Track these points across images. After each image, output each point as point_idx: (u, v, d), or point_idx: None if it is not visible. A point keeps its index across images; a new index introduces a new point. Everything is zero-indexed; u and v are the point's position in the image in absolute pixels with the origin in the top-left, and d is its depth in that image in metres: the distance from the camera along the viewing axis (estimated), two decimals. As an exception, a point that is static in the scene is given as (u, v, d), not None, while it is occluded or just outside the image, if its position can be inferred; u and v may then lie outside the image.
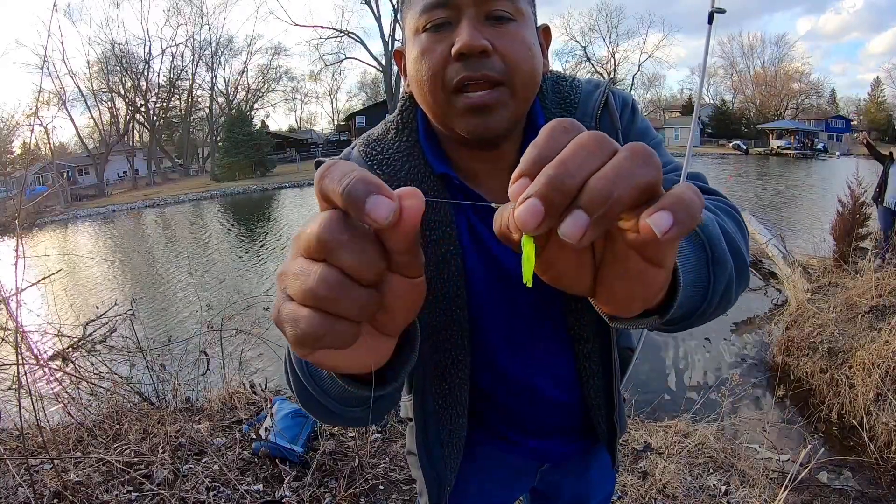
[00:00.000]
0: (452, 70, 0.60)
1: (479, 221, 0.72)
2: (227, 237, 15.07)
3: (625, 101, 0.73)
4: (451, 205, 0.70)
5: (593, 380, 0.80)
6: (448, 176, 0.69)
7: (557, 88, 0.72)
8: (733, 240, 0.53)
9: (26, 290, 2.54)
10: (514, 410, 0.84)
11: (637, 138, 0.71)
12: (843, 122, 44.35)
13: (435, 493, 0.86)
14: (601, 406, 0.83)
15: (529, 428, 0.87)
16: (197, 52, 43.36)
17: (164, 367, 3.38)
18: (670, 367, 4.55)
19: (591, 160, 0.27)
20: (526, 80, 0.62)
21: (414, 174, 0.69)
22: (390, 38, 40.66)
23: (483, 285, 0.72)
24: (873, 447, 2.86)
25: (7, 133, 38.65)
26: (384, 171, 0.70)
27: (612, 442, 0.88)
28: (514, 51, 0.60)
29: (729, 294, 0.52)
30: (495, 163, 0.69)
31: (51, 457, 2.13)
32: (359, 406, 0.47)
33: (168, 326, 6.39)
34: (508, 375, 0.80)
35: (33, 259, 3.30)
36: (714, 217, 0.53)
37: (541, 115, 0.70)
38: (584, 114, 0.70)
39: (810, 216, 11.06)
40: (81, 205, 30.22)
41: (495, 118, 0.61)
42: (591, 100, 0.70)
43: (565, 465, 0.94)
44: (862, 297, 4.16)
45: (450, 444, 0.82)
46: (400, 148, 0.71)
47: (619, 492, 2.37)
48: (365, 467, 2.45)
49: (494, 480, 0.94)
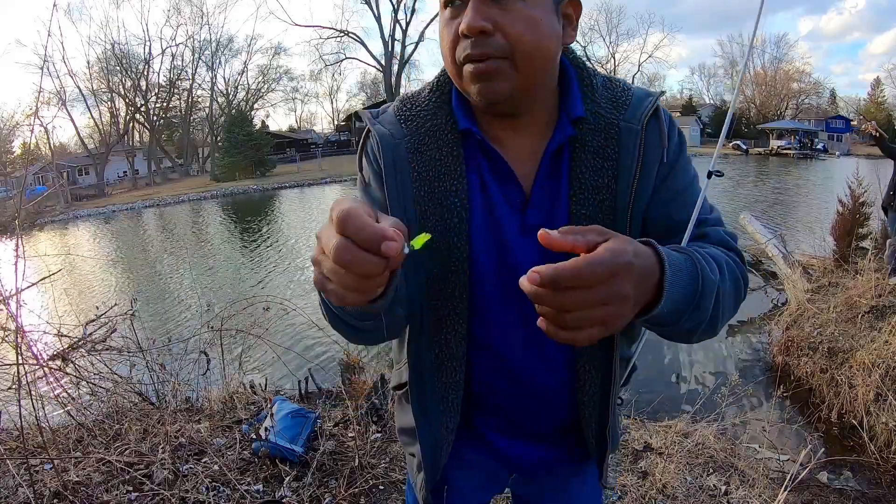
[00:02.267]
0: (461, 47, 0.66)
1: (492, 182, 0.73)
2: (227, 237, 15.07)
3: (673, 123, 0.75)
4: (465, 160, 0.73)
5: (589, 385, 0.79)
6: (470, 132, 0.73)
7: (609, 86, 0.75)
8: (719, 305, 0.63)
9: (26, 290, 2.54)
10: (501, 396, 0.82)
11: (682, 171, 0.75)
12: (843, 122, 44.31)
13: (430, 455, 0.84)
14: (594, 416, 0.82)
15: (514, 421, 0.84)
16: (197, 52, 43.37)
17: (164, 367, 3.38)
18: (670, 367, 4.55)
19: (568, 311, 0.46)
20: (529, 55, 0.65)
21: (436, 129, 0.74)
22: (390, 38, 40.69)
23: (486, 245, 0.74)
24: (873, 447, 2.86)
25: (7, 133, 38.66)
26: (408, 126, 0.75)
27: (602, 455, 0.87)
28: (516, 29, 0.63)
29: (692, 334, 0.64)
30: (522, 130, 0.73)
31: (51, 457, 2.13)
32: (371, 320, 0.62)
33: (168, 326, 6.39)
34: (502, 350, 0.78)
35: (33, 259, 3.30)
36: (719, 281, 0.62)
37: (579, 104, 0.73)
38: (632, 116, 0.72)
39: (810, 216, 11.06)
40: (81, 205, 30.19)
41: (498, 85, 0.66)
42: (642, 105, 0.73)
43: (542, 477, 0.92)
44: (862, 297, 4.16)
45: (446, 401, 0.81)
46: (429, 105, 0.76)
47: (619, 492, 2.37)
48: (365, 467, 2.45)
49: (470, 481, 0.94)
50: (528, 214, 0.73)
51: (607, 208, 0.71)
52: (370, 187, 0.77)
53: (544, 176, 0.73)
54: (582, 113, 0.72)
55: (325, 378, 4.01)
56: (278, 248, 12.06)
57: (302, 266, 9.84)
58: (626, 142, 0.71)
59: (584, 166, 0.71)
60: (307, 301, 5.69)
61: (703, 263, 0.60)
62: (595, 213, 0.71)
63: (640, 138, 0.71)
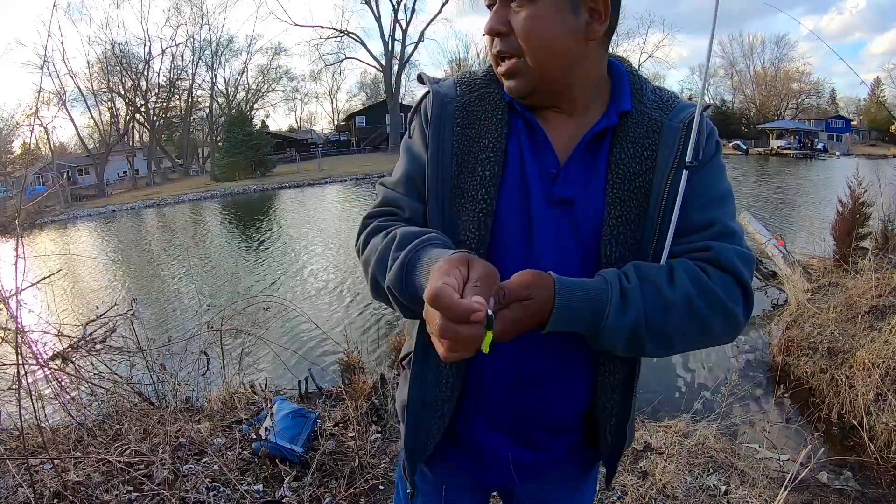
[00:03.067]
0: (491, 45, 0.76)
1: (529, 150, 0.77)
2: (227, 237, 15.07)
3: (713, 130, 0.79)
4: (506, 126, 0.78)
5: (611, 376, 0.78)
6: (513, 103, 0.78)
7: (658, 92, 0.81)
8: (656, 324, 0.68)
9: (26, 290, 2.54)
10: (507, 380, 0.79)
11: (713, 175, 0.77)
12: (843, 122, 44.31)
13: (412, 425, 0.83)
14: (612, 415, 0.80)
15: (520, 418, 0.81)
16: (197, 52, 43.34)
17: (164, 367, 3.38)
18: (670, 367, 4.54)
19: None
20: (536, 52, 0.71)
21: (486, 97, 0.80)
22: (390, 38, 40.69)
23: (511, 209, 0.76)
24: (873, 447, 2.85)
25: (7, 133, 38.66)
26: (463, 89, 0.82)
27: (618, 452, 0.86)
28: (524, 29, 0.70)
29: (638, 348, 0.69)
30: (563, 113, 0.78)
31: (51, 457, 2.13)
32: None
33: (168, 326, 6.39)
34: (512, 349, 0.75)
35: (33, 259, 3.30)
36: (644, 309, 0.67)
37: (627, 100, 0.78)
38: (675, 116, 0.77)
39: (810, 216, 11.06)
40: (81, 205, 30.18)
41: (517, 82, 0.74)
42: (686, 110, 0.77)
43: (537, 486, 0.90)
44: (862, 297, 4.16)
45: (443, 373, 0.80)
46: (485, 77, 0.83)
47: (619, 492, 2.37)
48: (365, 467, 2.45)
49: (453, 480, 0.92)
50: (557, 185, 0.75)
51: (641, 196, 0.73)
52: (412, 140, 0.84)
53: (581, 154, 0.76)
54: (629, 108, 0.77)
55: (325, 378, 4.01)
56: (278, 248, 12.07)
57: (302, 266, 9.85)
58: (666, 138, 0.74)
59: (625, 153, 0.74)
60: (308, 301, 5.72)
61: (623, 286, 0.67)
62: (629, 199, 0.73)
63: (681, 137, 0.74)
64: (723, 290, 0.69)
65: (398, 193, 0.82)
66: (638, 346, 0.68)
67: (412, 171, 0.81)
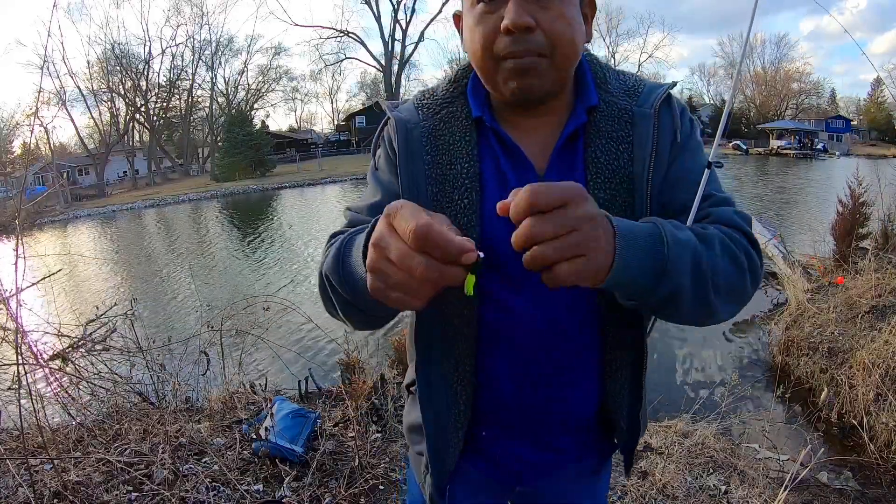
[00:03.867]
0: (501, 43, 0.67)
1: (506, 165, 0.74)
2: (227, 237, 15.07)
3: (685, 108, 0.77)
4: (479, 146, 0.75)
5: (618, 369, 0.77)
6: (482, 119, 0.75)
7: (622, 78, 0.78)
8: (702, 270, 0.60)
9: (26, 290, 2.54)
10: (516, 394, 0.77)
11: (692, 151, 0.76)
12: (843, 122, 44.30)
13: (434, 451, 0.81)
14: (625, 402, 0.79)
15: (530, 422, 0.79)
16: (197, 52, 43.39)
17: (164, 367, 3.38)
18: (670, 367, 4.54)
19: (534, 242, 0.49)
20: (567, 53, 0.68)
21: (451, 116, 0.77)
22: (390, 38, 40.72)
23: (500, 232, 0.71)
24: (873, 447, 2.85)
25: (7, 133, 38.66)
26: (425, 112, 0.78)
27: (632, 442, 0.84)
28: (556, 27, 0.66)
29: (674, 307, 0.62)
30: (534, 119, 0.75)
31: (51, 457, 2.13)
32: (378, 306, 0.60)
33: (168, 326, 6.39)
34: (518, 340, 0.75)
35: (33, 259, 3.30)
36: (696, 244, 0.60)
37: (593, 94, 0.75)
38: (645, 101, 0.74)
39: (810, 216, 11.06)
40: (81, 205, 30.19)
41: (536, 81, 0.68)
42: (655, 93, 0.75)
43: (551, 486, 0.89)
44: (862, 297, 4.16)
45: (454, 395, 0.78)
46: (446, 96, 0.79)
47: (619, 492, 2.37)
48: (365, 467, 2.45)
49: (473, 497, 0.90)
50: None
51: (625, 191, 0.71)
52: (379, 171, 0.80)
53: (559, 161, 0.73)
54: (596, 102, 0.74)
55: (325, 378, 4.01)
56: (279, 248, 12.06)
57: (302, 266, 9.85)
58: (640, 126, 0.73)
59: (600, 150, 0.72)
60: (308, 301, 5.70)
61: (670, 229, 0.59)
62: (613, 197, 0.71)
63: (654, 123, 0.72)
64: (735, 241, 0.67)
65: (369, 216, 0.75)
66: (702, 283, 0.60)
67: (385, 201, 0.72)
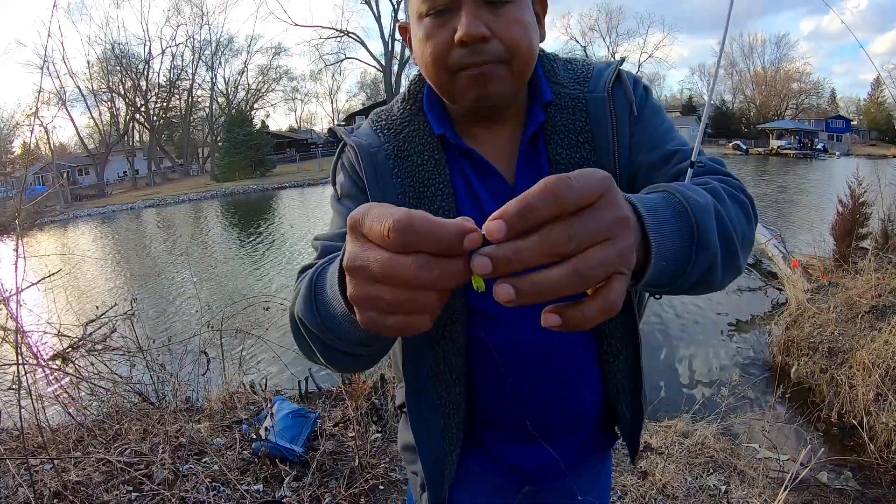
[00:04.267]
0: (455, 55, 0.64)
1: (476, 180, 0.72)
2: (227, 237, 15.07)
3: (636, 80, 0.76)
4: (448, 163, 0.72)
5: (615, 360, 0.76)
6: (445, 137, 0.72)
7: (570, 67, 0.76)
8: (728, 227, 0.54)
9: (26, 289, 2.54)
10: (514, 398, 0.76)
11: (651, 117, 0.74)
12: (843, 122, 44.31)
13: (432, 472, 0.79)
14: (625, 388, 0.78)
15: (532, 424, 0.78)
16: (197, 52, 43.40)
17: (164, 367, 3.38)
18: (670, 367, 4.54)
19: (540, 258, 0.32)
20: (525, 59, 0.66)
21: (414, 135, 0.74)
22: (390, 38, 40.69)
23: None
24: (873, 447, 2.85)
25: (7, 133, 38.67)
26: (386, 134, 0.75)
27: (637, 428, 0.83)
28: (512, 34, 0.64)
29: (711, 277, 0.54)
30: (498, 128, 0.73)
31: (51, 457, 2.13)
32: (370, 345, 0.55)
33: (168, 326, 6.39)
34: (510, 353, 0.73)
35: (33, 259, 3.30)
36: (713, 202, 0.54)
37: (547, 89, 0.73)
38: (596, 86, 0.73)
39: (810, 216, 11.06)
40: (81, 205, 30.20)
41: (496, 87, 0.65)
42: (604, 75, 0.73)
43: (557, 485, 0.87)
44: (862, 297, 4.16)
45: (447, 415, 0.76)
46: (403, 115, 0.76)
47: (619, 492, 2.37)
48: (365, 467, 2.45)
49: (477, 499, 0.88)
50: None
51: None
52: (344, 199, 0.75)
53: (525, 166, 0.72)
54: (550, 97, 0.73)
55: (325, 378, 4.01)
56: (279, 248, 12.06)
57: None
58: (595, 112, 0.71)
59: (560, 146, 0.71)
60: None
61: (687, 194, 0.51)
62: None
63: (609, 105, 0.71)
64: (727, 183, 0.64)
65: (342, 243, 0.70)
66: (730, 244, 0.54)
67: None
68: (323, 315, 0.53)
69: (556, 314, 0.35)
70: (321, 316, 0.53)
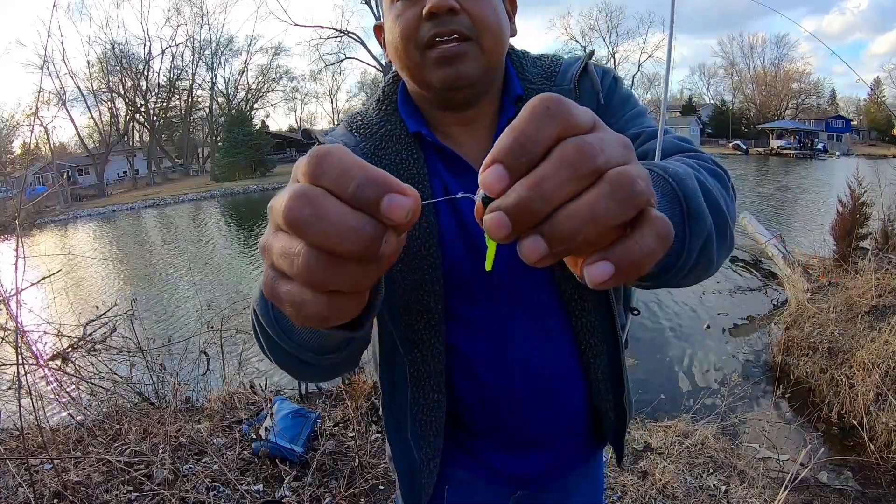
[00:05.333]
0: (424, 29, 0.65)
1: (453, 180, 0.71)
2: (227, 237, 15.07)
3: (606, 71, 0.76)
4: (425, 164, 0.72)
5: (598, 359, 0.75)
6: (421, 134, 0.72)
7: (538, 63, 0.76)
8: (713, 196, 0.52)
9: (26, 290, 2.54)
10: (497, 408, 0.75)
11: (619, 105, 0.74)
12: (843, 122, 44.31)
13: (407, 483, 0.79)
14: (608, 390, 0.77)
15: (516, 432, 0.77)
16: (197, 52, 43.40)
17: (163, 367, 3.38)
18: (670, 368, 4.54)
19: (568, 185, 0.25)
20: (494, 36, 0.66)
21: (390, 135, 0.73)
22: (390, 38, 40.63)
23: (458, 247, 0.71)
24: (873, 447, 2.85)
25: (7, 133, 38.67)
26: (361, 134, 0.74)
27: (621, 430, 0.83)
28: (481, 9, 0.65)
29: (708, 252, 0.51)
30: (471, 124, 0.73)
31: (51, 457, 2.13)
32: (333, 353, 0.52)
33: (168, 326, 6.39)
34: (488, 359, 0.73)
35: (33, 259, 3.30)
36: (693, 172, 0.52)
37: (518, 86, 0.73)
38: (563, 80, 0.73)
39: (810, 216, 11.06)
40: (81, 205, 30.22)
41: (465, 67, 0.65)
42: (571, 69, 0.74)
43: (548, 488, 0.86)
44: (862, 297, 4.16)
45: (425, 424, 0.75)
46: (379, 115, 0.76)
47: (619, 492, 2.37)
48: (365, 467, 2.45)
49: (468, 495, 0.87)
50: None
51: None
52: None
53: None
54: (520, 91, 0.73)
55: (325, 378, 4.01)
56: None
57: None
58: None
59: None
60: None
61: (658, 164, 0.50)
62: None
63: (575, 97, 0.71)
64: (700, 159, 0.62)
65: None
66: (720, 213, 0.52)
67: None
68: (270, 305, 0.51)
69: (603, 261, 0.26)
70: (270, 306, 0.51)
